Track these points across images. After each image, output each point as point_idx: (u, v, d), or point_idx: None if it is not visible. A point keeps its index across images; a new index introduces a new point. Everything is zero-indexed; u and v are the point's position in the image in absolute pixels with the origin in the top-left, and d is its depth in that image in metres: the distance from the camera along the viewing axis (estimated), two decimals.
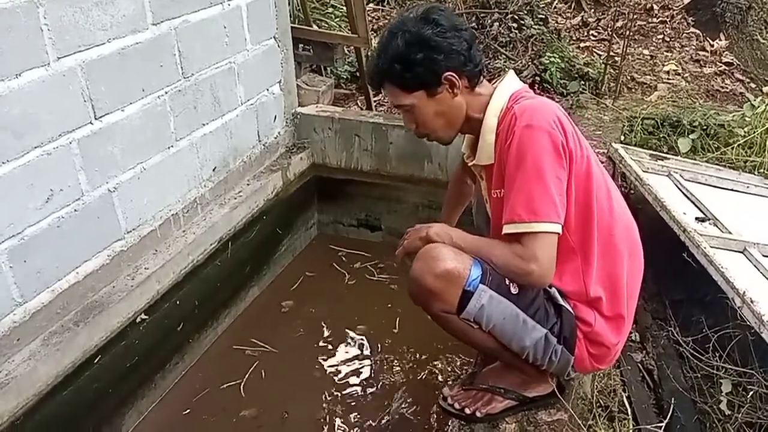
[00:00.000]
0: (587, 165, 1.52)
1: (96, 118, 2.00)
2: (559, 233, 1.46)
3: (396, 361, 2.51)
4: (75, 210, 2.00)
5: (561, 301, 1.56)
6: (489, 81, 1.67)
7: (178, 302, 2.37)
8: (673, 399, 1.98)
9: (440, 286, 1.48)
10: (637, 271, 1.68)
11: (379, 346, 2.60)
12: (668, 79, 4.75)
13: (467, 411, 1.69)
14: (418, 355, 2.52)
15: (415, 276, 1.51)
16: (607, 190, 1.60)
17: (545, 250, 1.44)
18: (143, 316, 2.20)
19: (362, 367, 2.51)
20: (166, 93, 2.27)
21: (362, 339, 2.65)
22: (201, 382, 2.44)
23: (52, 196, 1.91)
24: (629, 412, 1.93)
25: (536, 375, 1.67)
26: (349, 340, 2.65)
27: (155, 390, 2.33)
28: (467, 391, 1.77)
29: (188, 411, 2.30)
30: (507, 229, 1.47)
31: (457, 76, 1.53)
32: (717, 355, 1.93)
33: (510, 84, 1.61)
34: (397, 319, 2.72)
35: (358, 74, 4.12)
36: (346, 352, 2.58)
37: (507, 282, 1.51)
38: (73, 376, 1.95)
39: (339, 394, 2.38)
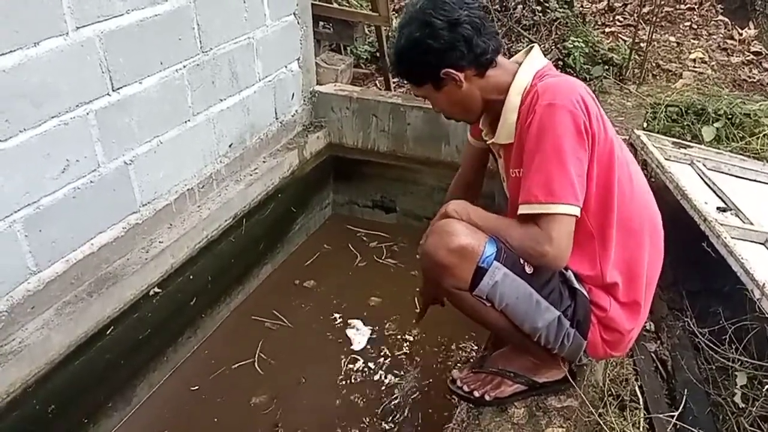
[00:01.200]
0: (610, 148, 1.49)
1: (114, 90, 2.00)
2: (576, 216, 1.43)
3: (406, 343, 2.51)
4: (91, 181, 2.00)
5: (576, 285, 1.54)
6: (511, 57, 1.64)
7: (191, 276, 2.38)
8: (686, 390, 1.95)
9: (453, 261, 1.46)
10: (657, 259, 1.65)
11: (390, 327, 2.60)
12: (694, 67, 4.64)
13: (476, 394, 1.67)
14: (428, 338, 2.52)
15: (428, 250, 1.49)
16: (629, 175, 1.56)
17: (562, 232, 1.41)
18: (156, 290, 2.21)
19: (372, 347, 2.51)
20: (184, 67, 2.26)
21: (373, 320, 2.65)
22: (214, 356, 2.46)
23: (68, 167, 1.91)
24: (641, 402, 1.90)
25: (547, 360, 1.65)
26: (360, 320, 2.64)
27: (167, 363, 2.35)
28: (476, 374, 1.76)
29: (199, 386, 2.32)
30: (523, 209, 1.45)
31: (456, 71, 1.52)
32: (733, 347, 1.89)
33: (534, 61, 1.57)
34: (409, 300, 2.70)
35: (377, 54, 4.08)
36: (357, 332, 2.58)
37: (522, 261, 1.49)
38: (85, 346, 1.97)
39: (349, 372, 2.39)
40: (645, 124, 3.13)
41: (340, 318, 2.66)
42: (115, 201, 2.11)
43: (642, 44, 4.34)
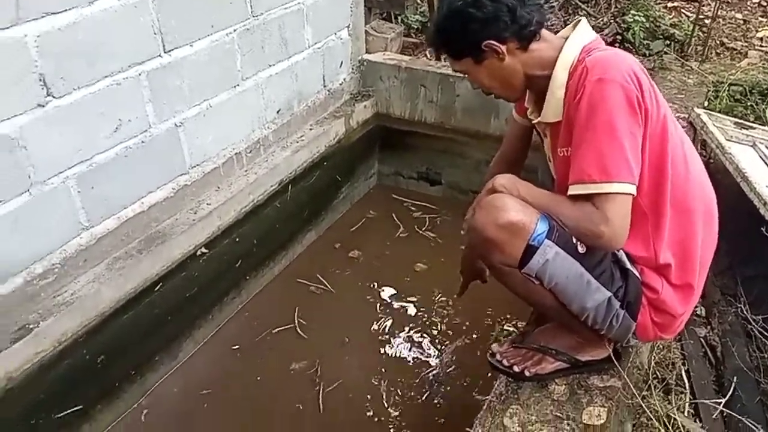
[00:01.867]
0: (663, 125, 1.42)
1: (165, 52, 2.02)
2: (633, 194, 1.37)
3: (447, 315, 2.50)
4: (142, 141, 2.04)
5: (628, 265, 1.48)
6: (557, 32, 1.58)
7: (237, 239, 2.41)
8: (735, 377, 1.89)
9: (503, 238, 1.41)
10: (711, 241, 1.58)
11: (432, 298, 2.59)
12: (761, 46, 4.42)
13: (516, 369, 1.65)
14: (469, 311, 2.50)
15: (477, 225, 1.44)
16: (683, 154, 1.50)
17: (618, 212, 1.35)
18: (203, 250, 2.25)
19: (414, 316, 2.51)
20: (234, 31, 2.27)
21: (416, 290, 2.64)
22: (256, 317, 2.51)
23: (120, 126, 1.95)
24: (687, 387, 1.85)
25: (592, 339, 1.61)
26: (403, 290, 2.65)
27: (211, 322, 2.40)
28: (517, 350, 1.73)
29: (241, 345, 2.37)
30: (575, 189, 1.39)
31: (498, 43, 1.47)
32: None
33: (582, 35, 1.51)
34: (451, 273, 2.68)
35: (428, 23, 4.01)
36: (399, 300, 2.59)
37: (574, 240, 1.44)
38: (134, 301, 2.03)
39: (390, 338, 2.40)
40: (706, 103, 3.00)
41: (382, 285, 2.67)
42: (166, 162, 2.15)
43: (706, 20, 4.15)
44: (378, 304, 2.58)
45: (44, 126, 1.73)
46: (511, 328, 2.11)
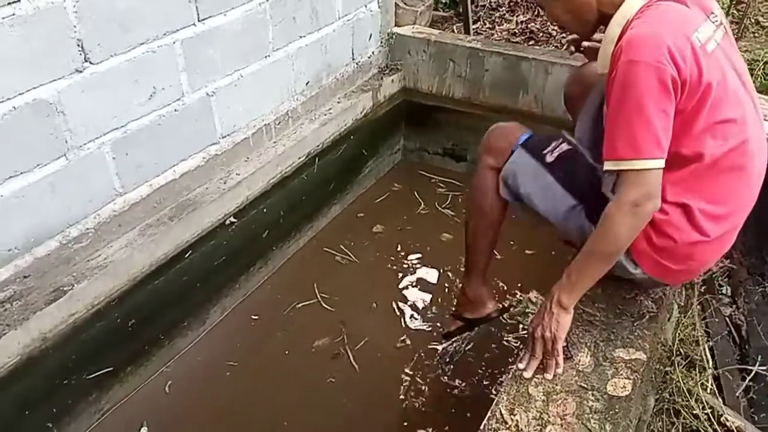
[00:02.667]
0: (704, 93, 1.39)
1: (199, 20, 2.04)
2: (662, 168, 1.38)
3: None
4: (175, 110, 2.07)
5: (608, 194, 1.50)
6: None
7: (264, 210, 2.45)
8: (759, 356, 1.89)
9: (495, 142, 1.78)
10: (748, 199, 1.56)
11: (456, 267, 2.60)
12: None
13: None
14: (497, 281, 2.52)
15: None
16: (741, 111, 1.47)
17: (652, 184, 1.38)
18: (232, 219, 2.29)
19: (437, 289, 2.54)
20: (266, 0, 2.27)
21: (441, 258, 2.68)
22: (284, 285, 2.55)
23: (154, 94, 1.98)
24: (710, 364, 1.85)
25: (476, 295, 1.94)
26: (428, 259, 2.68)
27: (239, 290, 2.45)
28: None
29: (266, 314, 2.42)
30: (608, 165, 1.42)
31: None
32: None
33: None
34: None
35: None
36: (427, 266, 2.62)
37: (543, 151, 1.67)
38: (165, 267, 2.07)
39: (413, 308, 2.45)
40: None
41: (406, 259, 2.69)
42: (197, 131, 2.18)
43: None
44: (402, 274, 2.61)
45: (81, 92, 1.76)
46: (534, 299, 2.13)
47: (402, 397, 2.10)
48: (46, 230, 1.81)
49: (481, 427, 1.31)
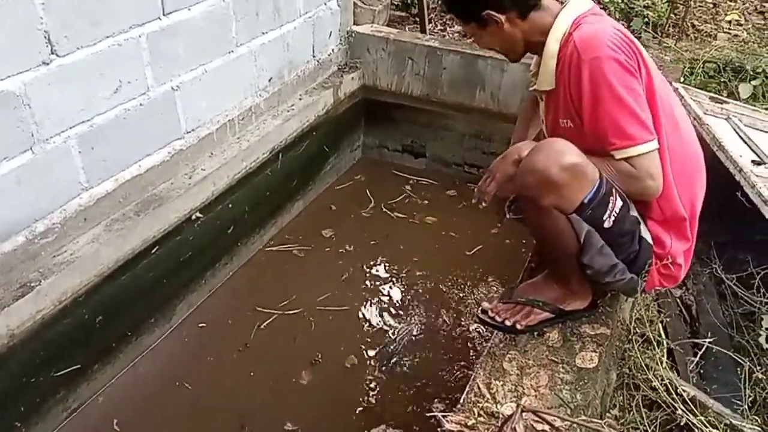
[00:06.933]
0: (648, 81, 1.52)
1: (164, 14, 2.03)
2: (657, 147, 1.49)
3: (434, 283, 2.59)
4: (140, 104, 2.05)
5: (643, 233, 1.60)
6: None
7: (230, 205, 2.45)
8: (709, 333, 2.01)
9: (565, 179, 1.46)
10: (702, 195, 1.70)
11: (418, 270, 2.67)
12: (729, 29, 4.57)
13: (507, 323, 1.73)
14: (453, 281, 2.60)
15: (538, 167, 1.47)
16: (671, 110, 1.60)
17: (652, 166, 1.49)
18: (198, 215, 2.28)
19: (401, 287, 2.59)
20: None
21: (400, 259, 2.73)
22: (248, 281, 2.57)
23: (120, 88, 1.96)
24: (664, 342, 1.96)
25: (576, 289, 1.71)
26: (392, 264, 2.73)
27: (205, 285, 2.44)
28: (506, 305, 1.82)
29: (236, 307, 2.42)
30: (618, 154, 1.51)
31: (497, 13, 1.57)
32: (760, 293, 1.94)
33: (575, 7, 1.59)
34: (441, 238, 2.79)
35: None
36: (388, 272, 2.66)
37: (603, 217, 1.53)
38: (131, 262, 2.05)
39: (380, 308, 2.47)
40: (682, 79, 3.12)
41: (364, 258, 2.73)
42: (162, 126, 2.17)
43: (679, 4, 4.28)
44: (366, 273, 2.65)
45: (48, 84, 1.74)
46: None
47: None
48: (12, 225, 1.77)
49: (461, 401, 1.36)
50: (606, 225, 1.53)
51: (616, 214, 1.53)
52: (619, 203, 1.53)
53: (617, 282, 1.62)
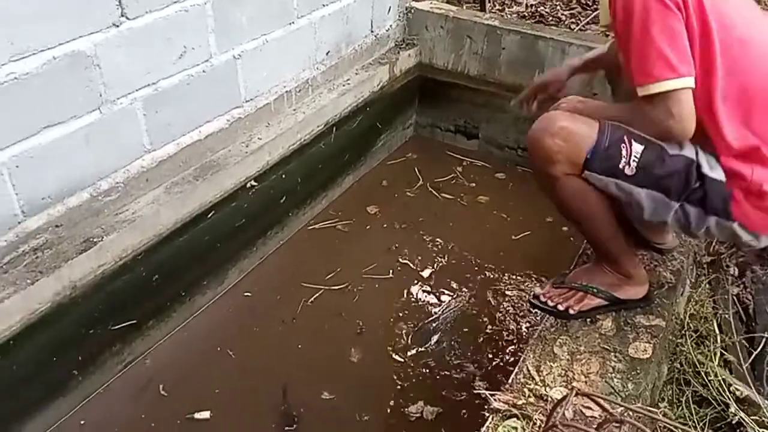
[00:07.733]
0: (700, 11, 1.42)
1: None
2: (686, 86, 1.41)
3: (485, 264, 2.58)
4: (203, 71, 2.09)
5: (705, 170, 1.50)
6: None
7: (283, 176, 2.48)
8: (766, 333, 1.95)
9: (559, 144, 1.50)
10: None
11: (465, 251, 2.65)
12: None
13: (560, 308, 1.71)
14: (497, 264, 2.58)
15: (533, 137, 1.54)
16: (740, 32, 1.48)
17: (675, 106, 1.41)
18: (253, 183, 2.32)
19: (445, 264, 2.59)
20: None
21: (450, 236, 2.72)
22: (294, 253, 2.59)
23: (185, 53, 2.00)
24: (719, 339, 1.92)
25: (629, 274, 1.68)
26: (438, 236, 2.72)
27: (256, 253, 2.48)
28: (558, 290, 1.79)
29: (282, 279, 2.46)
30: (639, 92, 1.46)
31: None
32: None
33: None
34: (490, 225, 2.77)
35: None
36: (436, 251, 2.67)
37: (620, 165, 1.50)
38: (190, 224, 2.10)
39: (423, 283, 2.48)
40: None
41: (410, 235, 2.73)
42: (223, 93, 2.20)
43: None
44: (410, 250, 2.65)
45: (117, 46, 1.78)
46: None
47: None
48: (78, 181, 1.83)
49: (510, 381, 1.36)
50: (628, 172, 1.50)
51: (636, 160, 1.49)
52: (639, 147, 1.50)
53: (700, 228, 1.55)
